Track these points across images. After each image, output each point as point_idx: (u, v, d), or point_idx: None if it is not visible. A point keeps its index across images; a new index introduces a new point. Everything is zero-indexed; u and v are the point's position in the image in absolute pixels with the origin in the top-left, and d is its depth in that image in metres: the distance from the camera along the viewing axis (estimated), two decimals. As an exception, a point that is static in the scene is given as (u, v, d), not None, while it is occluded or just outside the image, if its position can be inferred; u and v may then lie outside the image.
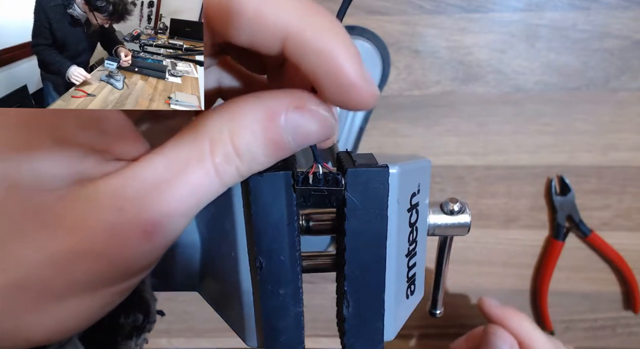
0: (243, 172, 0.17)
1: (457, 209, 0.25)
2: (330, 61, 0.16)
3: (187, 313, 0.56)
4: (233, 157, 0.17)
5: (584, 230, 0.51)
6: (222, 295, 0.23)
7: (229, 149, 0.16)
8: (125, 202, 0.16)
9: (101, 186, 0.16)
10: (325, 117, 0.17)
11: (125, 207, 0.16)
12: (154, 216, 0.16)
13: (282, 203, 0.19)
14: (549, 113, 0.49)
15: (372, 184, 0.19)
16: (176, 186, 0.16)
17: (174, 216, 0.16)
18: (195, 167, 0.16)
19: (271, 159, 0.17)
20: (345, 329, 0.21)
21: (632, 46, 0.48)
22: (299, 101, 0.17)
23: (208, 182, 0.17)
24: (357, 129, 0.48)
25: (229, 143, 0.16)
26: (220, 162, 0.16)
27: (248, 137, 0.17)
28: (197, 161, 0.16)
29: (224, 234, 0.21)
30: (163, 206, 0.16)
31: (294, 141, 0.17)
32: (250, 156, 0.17)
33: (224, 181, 0.17)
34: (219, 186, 0.17)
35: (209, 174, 0.16)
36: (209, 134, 0.17)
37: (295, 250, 0.20)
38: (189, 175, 0.16)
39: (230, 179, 0.17)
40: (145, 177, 0.16)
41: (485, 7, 0.47)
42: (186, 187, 0.16)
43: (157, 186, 0.16)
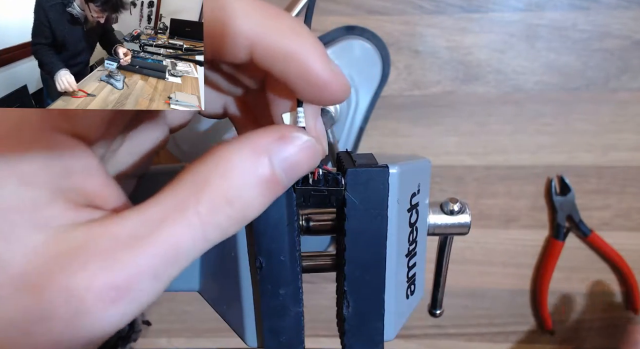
0: (238, 220, 0.16)
1: (457, 209, 0.25)
2: (298, 63, 0.16)
3: (187, 313, 0.56)
4: (222, 206, 0.15)
5: (584, 230, 0.51)
6: (222, 295, 0.23)
7: (216, 197, 0.15)
8: (90, 258, 0.14)
9: (68, 237, 0.15)
10: (307, 141, 0.17)
11: (89, 263, 0.14)
12: (118, 278, 0.14)
13: (282, 203, 0.19)
14: (549, 113, 0.49)
15: (372, 184, 0.19)
16: (149, 243, 0.14)
17: (142, 279, 0.14)
18: (175, 220, 0.15)
19: (266, 199, 0.16)
20: (345, 329, 0.21)
21: (632, 46, 0.47)
22: (280, 132, 0.17)
23: (189, 238, 0.15)
24: (357, 129, 0.48)
25: (217, 191, 0.15)
26: (205, 213, 0.15)
27: (237, 181, 0.15)
28: (177, 213, 0.15)
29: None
30: (131, 267, 0.14)
31: (285, 175, 0.16)
32: (242, 201, 0.15)
33: (209, 236, 0.15)
34: (202, 242, 0.15)
35: (191, 228, 0.15)
36: (193, 185, 0.15)
37: (295, 250, 0.20)
38: (165, 230, 0.15)
39: (218, 232, 0.15)
40: (117, 233, 0.15)
41: (485, 7, 0.47)
42: (161, 245, 0.15)
43: (128, 243, 0.14)
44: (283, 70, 0.16)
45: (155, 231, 0.15)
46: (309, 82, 0.16)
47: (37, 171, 0.15)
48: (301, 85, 0.16)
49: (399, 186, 0.20)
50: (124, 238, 0.15)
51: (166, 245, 0.15)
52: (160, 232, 0.15)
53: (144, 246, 0.14)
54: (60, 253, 0.14)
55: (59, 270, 0.14)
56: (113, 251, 0.14)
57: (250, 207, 0.16)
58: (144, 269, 0.14)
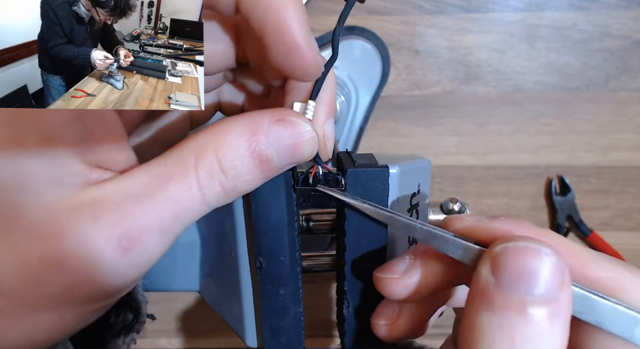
0: (228, 189, 0.17)
1: (457, 209, 0.25)
2: (277, 16, 0.16)
3: (187, 313, 0.56)
4: (217, 172, 0.16)
5: (584, 230, 0.51)
6: (222, 295, 0.23)
7: (212, 163, 0.16)
8: (103, 212, 0.15)
9: (81, 194, 0.16)
10: (305, 130, 0.17)
11: (101, 216, 0.15)
12: (130, 228, 0.16)
13: (282, 203, 0.19)
14: (549, 113, 0.49)
15: (372, 185, 0.19)
16: (156, 199, 0.16)
17: (151, 232, 0.16)
18: (178, 180, 0.16)
19: (256, 176, 0.17)
20: (346, 329, 0.21)
21: (632, 46, 0.47)
22: (280, 115, 0.17)
23: (190, 198, 0.16)
24: (357, 129, 0.48)
25: (213, 157, 0.16)
26: (203, 176, 0.16)
27: (231, 152, 0.16)
28: (180, 174, 0.16)
29: (224, 234, 0.21)
30: (140, 220, 0.16)
31: (277, 156, 0.17)
32: (234, 171, 0.17)
33: (207, 198, 0.17)
34: (201, 204, 0.17)
35: (192, 189, 0.16)
36: (194, 150, 0.16)
37: (295, 250, 0.20)
38: (170, 188, 0.16)
39: (214, 196, 0.17)
40: (127, 190, 0.16)
41: (485, 7, 0.47)
42: (166, 202, 0.16)
43: (136, 199, 0.16)
44: (262, 22, 0.16)
45: (162, 188, 0.16)
46: (284, 41, 0.16)
47: (60, 125, 0.16)
48: (275, 42, 0.17)
49: (399, 186, 0.20)
50: (134, 195, 0.16)
51: (170, 202, 0.16)
52: (166, 189, 0.16)
53: (152, 202, 0.16)
54: (74, 207, 0.15)
55: (73, 221, 0.15)
56: (123, 205, 0.16)
57: (241, 180, 0.17)
58: (152, 222, 0.16)
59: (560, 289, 0.14)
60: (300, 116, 0.18)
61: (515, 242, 0.15)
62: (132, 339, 0.22)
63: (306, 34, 0.17)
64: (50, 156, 0.16)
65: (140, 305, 0.22)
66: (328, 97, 0.20)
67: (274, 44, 0.17)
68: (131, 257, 0.16)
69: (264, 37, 0.17)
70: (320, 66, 0.18)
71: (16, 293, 0.15)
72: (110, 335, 0.21)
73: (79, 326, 0.18)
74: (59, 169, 0.16)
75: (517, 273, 0.14)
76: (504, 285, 0.14)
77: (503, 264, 0.14)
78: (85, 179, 0.16)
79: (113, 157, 0.17)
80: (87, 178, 0.16)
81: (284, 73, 0.18)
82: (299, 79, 0.18)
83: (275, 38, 0.16)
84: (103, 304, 0.17)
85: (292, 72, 0.17)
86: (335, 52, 0.18)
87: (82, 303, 0.16)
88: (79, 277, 0.16)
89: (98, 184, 0.16)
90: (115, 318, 0.22)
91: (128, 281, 0.17)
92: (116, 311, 0.22)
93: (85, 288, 0.16)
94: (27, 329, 0.16)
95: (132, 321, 0.22)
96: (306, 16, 0.17)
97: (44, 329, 0.16)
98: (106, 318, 0.21)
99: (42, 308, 0.16)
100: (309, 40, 0.17)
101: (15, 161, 0.15)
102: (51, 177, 0.16)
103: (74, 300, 0.16)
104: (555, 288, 0.14)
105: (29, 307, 0.16)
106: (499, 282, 0.14)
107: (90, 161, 0.16)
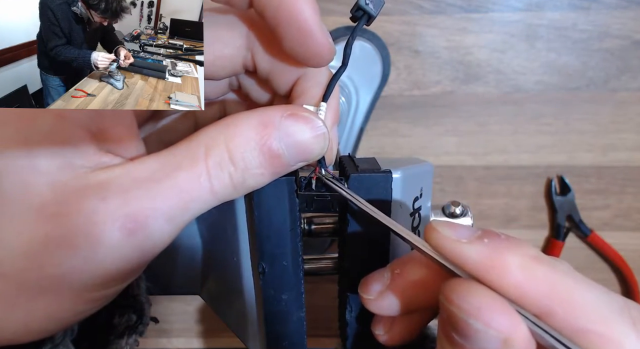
0: (236, 182, 0.17)
1: (458, 212, 0.25)
2: (291, 4, 0.17)
3: (187, 313, 0.55)
4: (226, 163, 0.16)
5: (584, 230, 0.51)
6: (224, 299, 0.23)
7: (223, 154, 0.16)
8: (110, 193, 0.16)
9: (91, 176, 0.16)
10: (317, 126, 0.18)
11: (109, 197, 0.15)
12: (136, 210, 0.16)
13: (285, 208, 0.19)
14: (549, 113, 0.49)
15: (375, 189, 0.19)
16: (164, 186, 0.16)
17: (157, 217, 0.16)
18: (187, 169, 0.16)
19: (265, 171, 0.17)
20: (348, 333, 0.21)
21: (632, 46, 0.47)
22: (292, 110, 0.17)
23: (198, 187, 0.16)
24: (357, 129, 0.48)
25: (224, 148, 0.16)
26: (213, 166, 0.16)
27: (242, 144, 0.17)
28: (190, 163, 0.16)
29: (226, 238, 0.21)
30: (147, 204, 0.16)
31: (287, 151, 0.17)
32: (243, 164, 0.17)
33: (215, 189, 0.16)
34: (209, 194, 0.16)
35: (201, 178, 0.16)
36: (204, 141, 0.17)
37: (298, 255, 0.20)
38: (179, 176, 0.16)
39: (223, 188, 0.17)
40: (136, 175, 0.16)
41: (485, 7, 0.47)
42: (174, 189, 0.16)
43: (145, 184, 0.16)
44: (275, 11, 0.17)
45: (170, 176, 0.16)
46: (298, 27, 0.17)
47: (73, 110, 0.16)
48: (289, 29, 0.17)
49: (402, 191, 0.20)
50: (142, 180, 0.16)
51: (178, 190, 0.16)
52: (174, 177, 0.16)
53: (160, 188, 0.16)
54: (82, 187, 0.16)
55: (81, 201, 0.15)
56: (131, 189, 0.16)
57: (250, 173, 0.17)
58: (158, 208, 0.16)
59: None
60: (313, 113, 0.18)
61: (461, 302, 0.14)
62: (135, 341, 0.22)
63: (319, 20, 0.17)
64: (63, 137, 0.16)
65: (143, 307, 0.22)
66: (333, 103, 0.20)
67: (288, 31, 0.17)
68: (136, 240, 0.16)
69: (278, 26, 0.17)
70: (334, 50, 0.18)
71: (17, 274, 0.15)
72: (114, 336, 0.21)
73: (76, 318, 0.17)
74: (71, 150, 0.16)
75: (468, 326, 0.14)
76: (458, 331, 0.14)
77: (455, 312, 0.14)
78: (96, 162, 0.16)
79: (124, 144, 0.17)
80: (98, 161, 0.16)
81: (299, 60, 0.18)
82: (314, 64, 0.18)
83: (290, 25, 0.17)
84: (101, 294, 0.17)
85: (307, 58, 0.18)
86: (346, 62, 0.19)
87: (82, 288, 0.16)
88: (81, 258, 0.16)
89: (108, 167, 0.16)
90: (119, 319, 0.22)
91: (130, 267, 0.17)
92: (120, 312, 0.22)
93: (87, 270, 0.16)
94: (25, 315, 0.16)
95: (135, 323, 0.22)
96: (317, 4, 0.17)
97: (40, 315, 0.16)
98: (110, 318, 0.21)
99: (40, 291, 0.16)
100: (321, 26, 0.17)
101: (27, 140, 0.15)
102: (62, 158, 0.16)
103: (73, 284, 0.16)
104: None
105: (28, 290, 0.16)
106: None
107: (102, 146, 0.17)
